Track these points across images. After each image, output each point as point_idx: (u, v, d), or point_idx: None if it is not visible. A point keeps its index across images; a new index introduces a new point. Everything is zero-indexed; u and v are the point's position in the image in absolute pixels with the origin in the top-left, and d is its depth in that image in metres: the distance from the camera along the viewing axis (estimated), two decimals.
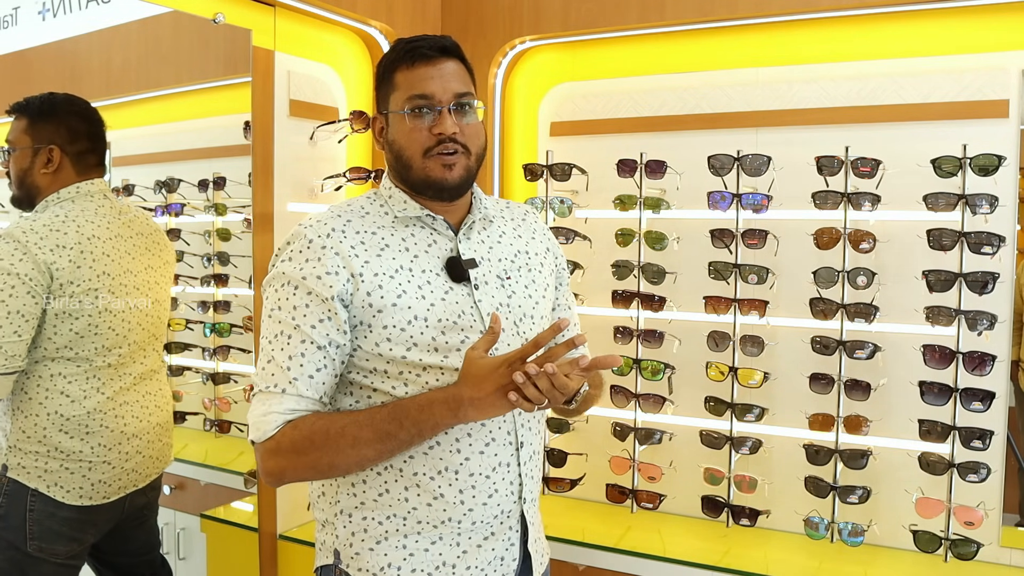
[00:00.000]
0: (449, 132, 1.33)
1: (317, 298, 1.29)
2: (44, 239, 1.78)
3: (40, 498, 1.82)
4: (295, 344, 1.29)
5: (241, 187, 2.34)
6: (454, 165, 1.34)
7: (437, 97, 1.33)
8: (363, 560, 1.36)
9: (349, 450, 1.26)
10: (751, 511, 2.29)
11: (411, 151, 1.35)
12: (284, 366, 1.28)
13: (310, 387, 1.29)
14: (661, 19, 2.38)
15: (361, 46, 2.63)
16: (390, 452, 1.28)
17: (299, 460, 1.27)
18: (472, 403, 1.23)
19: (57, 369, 1.83)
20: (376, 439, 1.26)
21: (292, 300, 1.30)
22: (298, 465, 1.27)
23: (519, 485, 1.40)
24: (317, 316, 1.29)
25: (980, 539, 2.04)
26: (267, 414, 1.28)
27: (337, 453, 1.26)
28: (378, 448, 1.27)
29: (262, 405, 1.29)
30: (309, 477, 1.33)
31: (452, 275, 1.36)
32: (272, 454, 1.28)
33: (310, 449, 1.26)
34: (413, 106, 1.34)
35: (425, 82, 1.33)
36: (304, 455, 1.26)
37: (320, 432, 1.27)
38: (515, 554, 1.42)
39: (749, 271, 2.28)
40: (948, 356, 2.07)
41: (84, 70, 2.45)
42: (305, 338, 1.29)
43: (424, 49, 1.35)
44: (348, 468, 1.30)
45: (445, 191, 1.36)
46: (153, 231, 2.07)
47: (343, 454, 1.26)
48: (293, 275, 1.31)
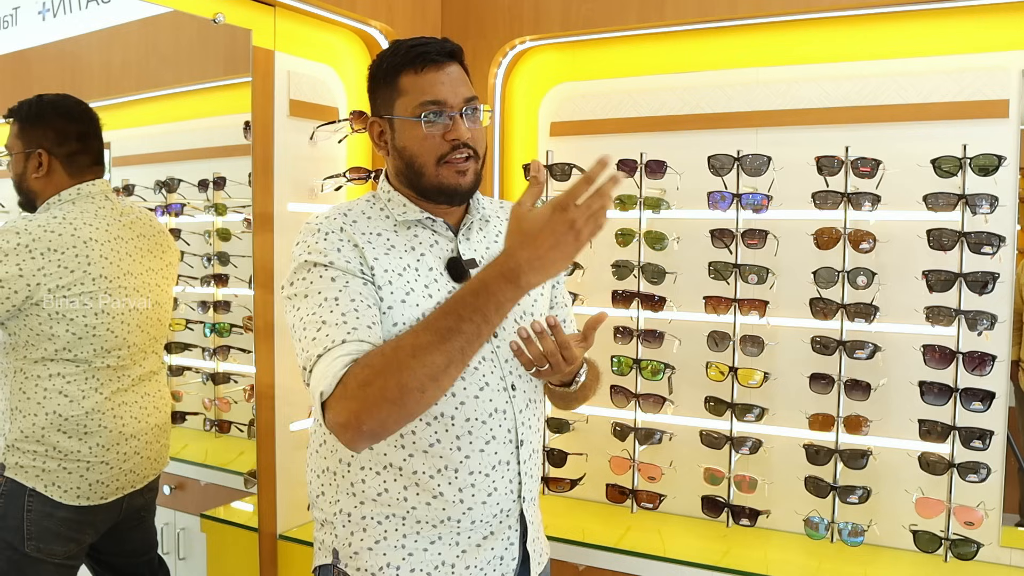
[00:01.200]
0: (464, 138, 1.33)
1: (352, 272, 1.29)
2: (36, 240, 1.77)
3: (38, 498, 1.82)
4: (345, 302, 1.25)
5: (241, 187, 2.34)
6: (467, 171, 1.35)
7: (450, 103, 1.33)
8: (362, 560, 1.36)
9: (412, 361, 1.14)
10: (751, 511, 2.29)
11: (424, 158, 1.35)
12: (338, 322, 1.23)
13: (370, 335, 1.23)
14: (661, 19, 2.38)
15: (361, 46, 2.63)
16: (461, 352, 1.16)
17: (368, 393, 1.15)
18: (531, 264, 1.13)
19: (56, 369, 1.83)
20: (439, 340, 1.15)
21: (327, 274, 1.28)
22: (368, 400, 1.15)
23: (518, 484, 1.40)
24: (360, 281, 1.28)
25: (980, 539, 2.04)
26: (332, 362, 1.19)
27: (401, 369, 1.14)
28: (444, 351, 1.14)
29: (325, 361, 1.20)
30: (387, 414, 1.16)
31: (453, 275, 1.37)
32: (341, 399, 1.16)
33: (374, 377, 1.15)
34: (426, 112, 1.33)
35: (436, 88, 1.33)
36: (370, 385, 1.15)
37: (379, 354, 1.18)
38: (514, 553, 1.42)
39: (749, 271, 2.27)
40: (948, 356, 2.07)
41: (84, 70, 2.45)
42: (355, 296, 1.26)
43: (432, 54, 1.34)
44: (423, 386, 1.15)
45: (457, 196, 1.37)
46: (156, 232, 2.07)
47: (408, 369, 1.14)
48: (320, 260, 1.30)
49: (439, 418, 1.33)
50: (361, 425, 1.15)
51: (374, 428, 1.17)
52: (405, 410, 1.17)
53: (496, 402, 1.36)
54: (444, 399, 1.32)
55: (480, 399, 1.35)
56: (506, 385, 1.38)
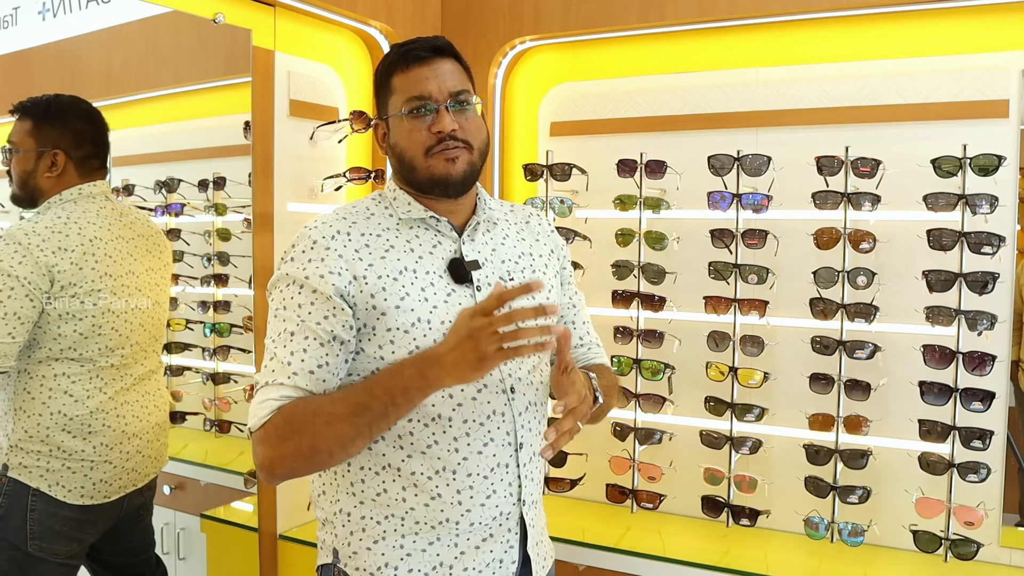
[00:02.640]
0: (448, 129, 1.33)
1: (321, 296, 1.29)
2: (46, 241, 1.78)
3: (41, 498, 1.82)
4: (298, 340, 1.28)
5: (241, 187, 2.34)
6: (457, 159, 1.35)
7: (434, 96, 1.34)
8: (360, 559, 1.36)
9: (325, 428, 1.21)
10: (751, 511, 2.29)
11: (413, 152, 1.36)
12: (285, 361, 1.27)
13: (310, 382, 1.27)
14: (661, 19, 2.38)
15: (361, 46, 2.63)
16: (368, 427, 1.22)
17: (283, 447, 1.22)
18: (438, 361, 1.19)
19: (61, 369, 1.83)
20: (350, 413, 1.22)
21: (296, 299, 1.30)
22: (284, 453, 1.22)
23: (518, 487, 1.40)
24: (321, 313, 1.29)
25: (980, 539, 2.04)
26: (263, 402, 1.25)
27: (315, 434, 1.21)
28: (353, 423, 1.21)
29: (260, 395, 1.27)
30: (297, 466, 1.25)
31: (455, 276, 1.37)
32: (261, 443, 1.24)
33: (291, 433, 1.22)
34: (411, 107, 1.35)
35: (420, 83, 1.34)
36: (286, 440, 1.22)
37: (299, 412, 1.23)
38: (514, 556, 1.41)
39: (749, 271, 2.28)
40: (948, 356, 2.07)
41: (84, 70, 2.45)
42: (309, 334, 1.28)
43: (417, 51, 1.36)
44: (331, 451, 1.23)
45: (450, 186, 1.36)
46: (153, 232, 2.07)
47: (320, 434, 1.21)
48: (297, 275, 1.31)
49: (437, 419, 1.32)
50: (274, 470, 1.25)
51: (285, 475, 1.26)
52: (314, 466, 1.27)
53: (494, 404, 1.36)
54: (441, 400, 1.32)
55: (478, 400, 1.34)
56: (505, 387, 1.37)
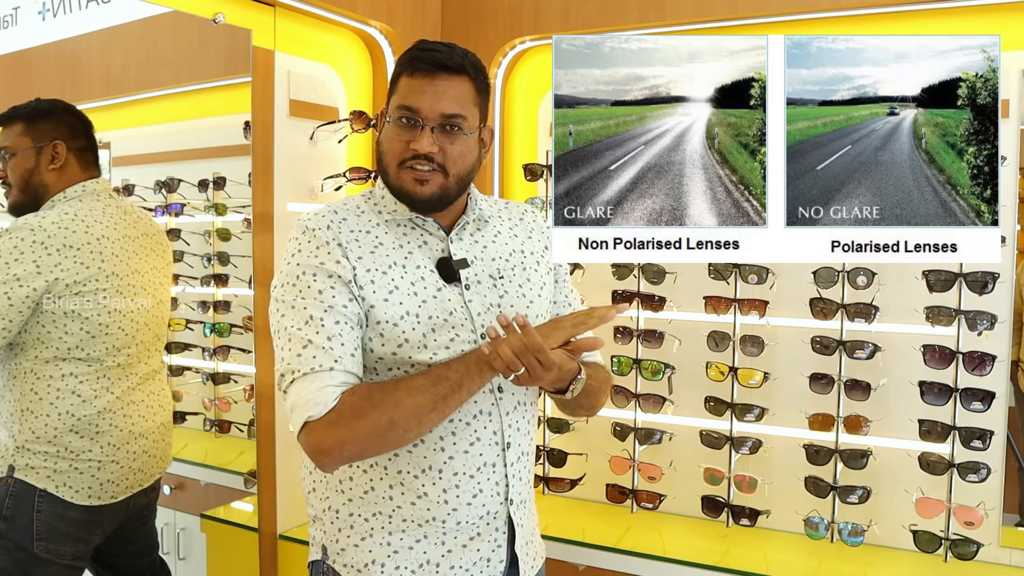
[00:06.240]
0: (424, 151, 1.31)
1: (340, 280, 1.29)
2: (52, 237, 1.77)
3: (48, 499, 1.82)
4: (330, 325, 1.27)
5: (241, 187, 2.34)
6: (427, 181, 1.33)
7: (423, 113, 1.32)
8: (348, 556, 1.37)
9: (406, 399, 1.24)
10: (751, 511, 2.29)
11: (388, 158, 1.36)
12: (325, 347, 1.26)
13: (354, 365, 1.28)
14: (661, 19, 2.38)
15: (361, 46, 2.63)
16: (443, 400, 1.26)
17: (360, 424, 1.22)
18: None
19: (68, 369, 1.83)
20: (430, 383, 1.26)
21: (315, 285, 1.29)
22: (359, 431, 1.22)
23: (505, 486, 1.40)
24: (346, 296, 1.29)
25: (980, 539, 2.04)
26: (322, 388, 1.24)
27: (396, 406, 1.23)
28: (432, 393, 1.25)
29: (312, 383, 1.24)
30: (368, 445, 1.25)
31: (443, 275, 1.37)
32: (332, 426, 1.22)
33: (369, 409, 1.23)
34: (398, 116, 1.34)
35: (416, 95, 1.32)
36: (364, 417, 1.23)
37: (377, 389, 1.26)
38: (501, 556, 1.42)
39: (749, 271, 2.27)
40: (948, 356, 2.07)
41: (84, 70, 2.45)
42: (340, 318, 1.27)
43: (423, 62, 1.33)
44: (407, 426, 1.25)
45: (416, 204, 1.36)
46: (155, 232, 2.07)
47: (401, 406, 1.24)
48: (309, 264, 1.30)
49: None
50: (344, 452, 1.23)
51: (352, 456, 1.26)
52: (386, 445, 1.27)
53: (481, 404, 1.36)
54: None
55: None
56: (492, 387, 1.37)
